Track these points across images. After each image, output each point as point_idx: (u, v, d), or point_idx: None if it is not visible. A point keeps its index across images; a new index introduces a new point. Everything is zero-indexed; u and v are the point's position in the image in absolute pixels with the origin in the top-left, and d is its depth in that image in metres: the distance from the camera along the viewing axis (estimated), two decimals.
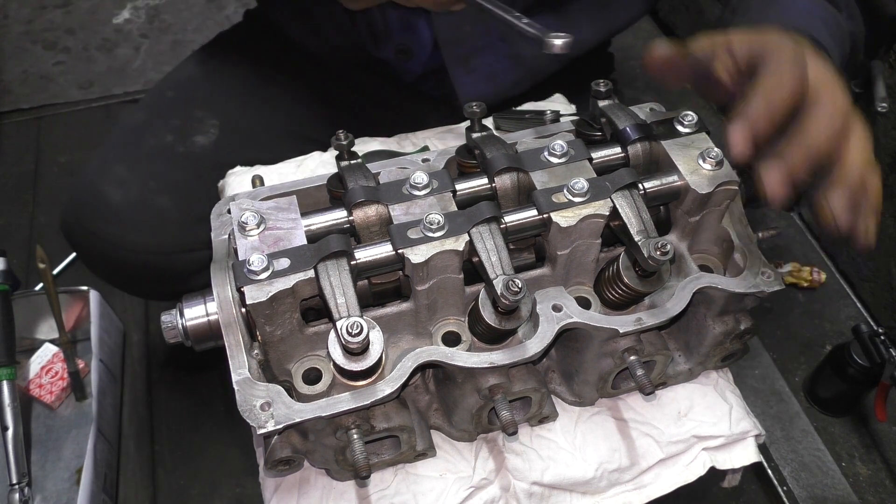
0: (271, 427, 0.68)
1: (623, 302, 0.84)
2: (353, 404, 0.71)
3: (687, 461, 0.90)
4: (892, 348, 1.56)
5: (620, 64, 1.64)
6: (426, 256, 0.74)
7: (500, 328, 0.77)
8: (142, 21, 3.00)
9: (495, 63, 1.32)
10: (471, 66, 1.31)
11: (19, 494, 1.40)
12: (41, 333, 1.78)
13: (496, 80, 1.33)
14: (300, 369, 0.80)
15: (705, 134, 0.85)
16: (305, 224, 0.79)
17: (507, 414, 0.76)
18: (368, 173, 0.83)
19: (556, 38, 0.80)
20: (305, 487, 0.85)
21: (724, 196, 0.82)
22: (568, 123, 0.94)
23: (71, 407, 1.72)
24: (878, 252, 1.94)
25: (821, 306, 2.06)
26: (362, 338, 0.69)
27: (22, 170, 2.45)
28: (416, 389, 0.86)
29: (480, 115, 0.90)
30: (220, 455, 1.79)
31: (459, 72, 1.31)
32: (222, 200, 0.84)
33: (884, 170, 1.85)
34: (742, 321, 0.86)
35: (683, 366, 0.91)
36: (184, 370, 1.95)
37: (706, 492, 1.66)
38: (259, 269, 0.72)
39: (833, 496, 1.64)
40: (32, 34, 2.93)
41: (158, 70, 2.79)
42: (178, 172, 1.29)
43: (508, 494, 0.86)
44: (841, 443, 1.79)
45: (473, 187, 0.83)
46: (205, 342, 0.76)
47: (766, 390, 1.81)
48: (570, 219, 0.77)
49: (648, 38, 2.86)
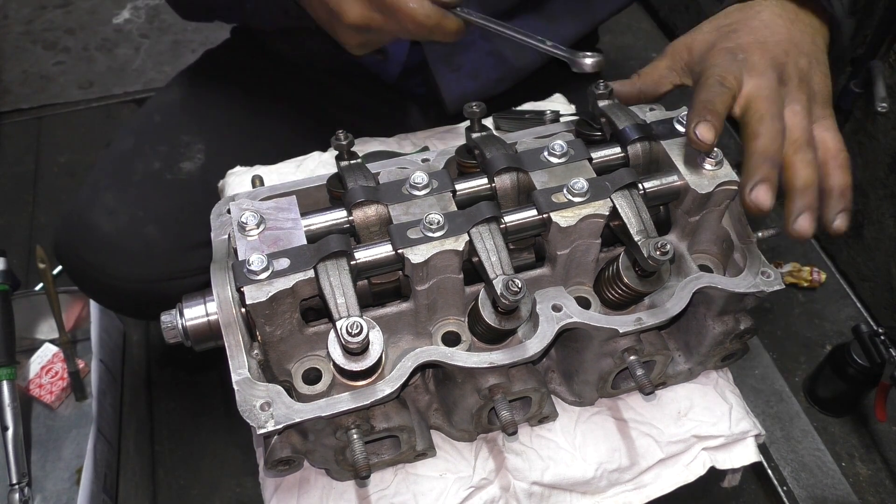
0: (271, 427, 0.68)
1: (623, 302, 0.84)
2: (352, 404, 0.71)
3: (687, 461, 0.90)
4: (892, 348, 1.56)
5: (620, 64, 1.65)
6: (426, 256, 0.74)
7: (500, 328, 0.77)
8: (142, 21, 3.00)
9: (478, 60, 1.32)
10: (454, 63, 1.31)
11: (19, 494, 1.40)
12: (41, 333, 1.78)
13: (480, 78, 1.34)
14: (300, 369, 0.80)
15: None
16: (305, 224, 0.79)
17: (507, 414, 0.76)
18: (368, 173, 0.83)
19: (587, 58, 0.88)
20: (305, 487, 0.85)
21: (723, 196, 0.82)
22: (568, 123, 0.94)
23: (71, 407, 1.72)
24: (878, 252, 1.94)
25: (821, 306, 2.06)
26: (362, 338, 0.69)
27: (22, 170, 2.45)
28: (416, 389, 0.86)
29: (480, 115, 0.90)
30: (220, 455, 1.80)
31: (443, 70, 1.31)
32: (222, 200, 0.84)
33: (884, 170, 1.85)
34: (742, 321, 0.86)
35: (683, 366, 0.91)
36: (184, 370, 1.95)
37: (706, 492, 1.66)
38: (259, 269, 0.72)
39: (833, 496, 1.64)
40: (32, 34, 2.93)
41: (158, 70, 2.79)
42: (165, 201, 1.30)
43: (508, 494, 0.86)
44: (841, 443, 1.79)
45: (473, 187, 0.83)
46: (205, 342, 0.75)
47: (766, 390, 1.81)
48: (570, 219, 0.77)
49: (648, 38, 2.86)
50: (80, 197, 1.33)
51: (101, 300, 1.45)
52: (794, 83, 0.85)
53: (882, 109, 1.64)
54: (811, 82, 0.87)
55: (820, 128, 0.85)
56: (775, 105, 0.81)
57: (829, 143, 0.84)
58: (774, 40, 0.88)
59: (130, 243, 1.27)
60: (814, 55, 0.89)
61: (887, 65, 1.73)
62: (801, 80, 0.86)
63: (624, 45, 2.80)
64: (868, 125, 1.86)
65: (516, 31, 0.92)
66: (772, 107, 0.81)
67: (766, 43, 0.87)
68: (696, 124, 0.78)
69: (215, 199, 1.19)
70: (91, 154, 2.49)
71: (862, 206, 1.96)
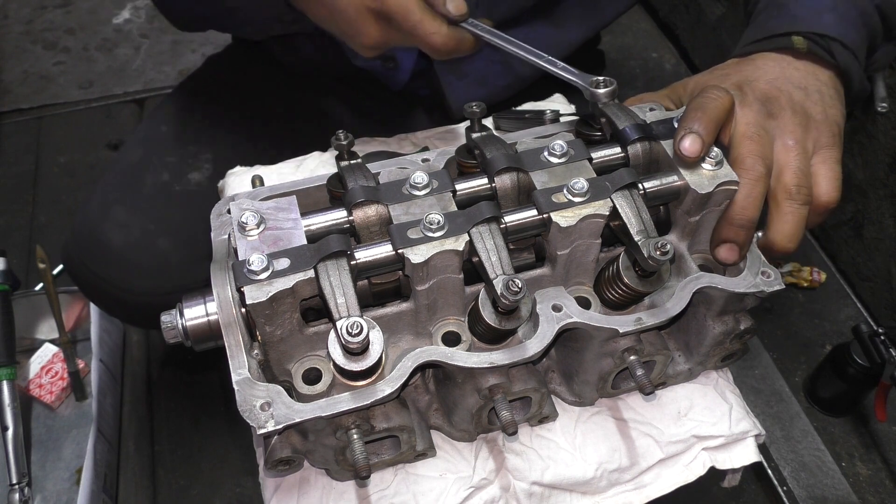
0: (271, 427, 0.68)
1: (623, 302, 0.84)
2: (353, 404, 0.71)
3: (687, 461, 0.90)
4: (892, 348, 1.57)
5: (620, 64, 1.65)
6: (426, 256, 0.74)
7: (501, 328, 0.77)
8: (142, 21, 3.00)
9: (486, 68, 1.32)
10: (462, 70, 1.31)
11: (19, 494, 1.40)
12: (41, 333, 1.79)
13: (487, 85, 1.34)
14: (300, 369, 0.80)
15: None
16: (305, 224, 0.78)
17: (508, 414, 0.76)
18: (368, 173, 0.83)
19: (600, 87, 0.87)
20: (305, 487, 0.85)
21: (723, 196, 0.81)
22: (567, 123, 0.94)
23: (71, 407, 1.72)
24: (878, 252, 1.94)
25: (821, 306, 2.06)
26: (362, 338, 0.69)
27: (22, 170, 2.46)
28: (416, 389, 0.86)
29: (480, 115, 0.90)
30: (220, 455, 1.80)
31: (450, 77, 1.31)
32: (222, 200, 0.84)
33: (884, 170, 1.85)
34: (742, 321, 0.86)
35: (683, 366, 0.91)
36: (184, 370, 1.95)
37: (706, 492, 1.67)
38: (259, 269, 0.72)
39: (833, 496, 1.65)
40: (32, 34, 2.94)
41: (158, 70, 2.79)
42: (176, 213, 1.31)
43: (508, 494, 0.86)
44: (841, 443, 1.80)
45: (473, 187, 0.83)
46: (205, 342, 0.75)
47: (766, 390, 1.82)
48: (570, 219, 0.77)
49: (648, 38, 2.86)
50: (89, 210, 1.33)
51: (112, 312, 1.46)
52: (787, 115, 0.85)
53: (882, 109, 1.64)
54: (809, 112, 0.86)
55: (818, 159, 0.85)
56: (758, 143, 0.81)
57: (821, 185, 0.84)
58: (766, 78, 0.89)
59: (143, 257, 1.28)
60: (814, 88, 0.89)
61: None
62: (795, 112, 0.85)
63: (624, 45, 2.80)
64: (868, 125, 1.86)
65: (524, 48, 0.92)
66: (755, 147, 0.81)
67: (757, 80, 0.88)
68: (682, 136, 0.79)
69: None
70: (91, 154, 2.49)
71: (862, 206, 1.97)
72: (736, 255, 0.81)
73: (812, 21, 0.93)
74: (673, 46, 2.82)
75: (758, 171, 0.79)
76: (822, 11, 0.94)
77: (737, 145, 0.82)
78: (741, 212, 0.79)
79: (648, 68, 2.73)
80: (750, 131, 0.82)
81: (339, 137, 0.86)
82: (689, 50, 2.74)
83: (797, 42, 0.91)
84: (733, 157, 0.82)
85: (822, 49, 0.91)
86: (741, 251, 0.81)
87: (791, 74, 0.90)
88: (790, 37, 0.92)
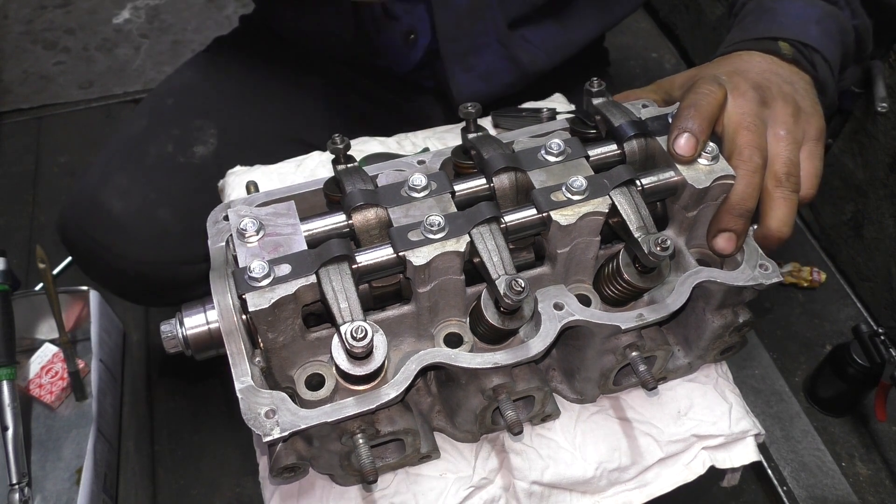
0: (277, 434, 0.68)
1: (623, 298, 0.84)
2: (358, 409, 0.70)
3: (687, 460, 0.90)
4: (892, 348, 1.57)
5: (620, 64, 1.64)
6: (428, 258, 0.74)
7: (503, 328, 0.77)
8: (142, 21, 3.00)
9: (493, 63, 1.32)
10: (468, 63, 1.31)
11: (19, 494, 1.40)
12: (41, 333, 1.78)
13: (492, 80, 1.34)
14: (303, 375, 0.79)
15: None
16: (305, 229, 0.78)
17: (513, 414, 0.76)
18: (366, 176, 0.82)
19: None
20: (306, 487, 0.85)
21: (720, 190, 0.82)
22: (563, 122, 0.94)
23: (71, 407, 1.72)
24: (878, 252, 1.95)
25: (821, 306, 2.06)
26: (367, 342, 0.68)
27: (22, 170, 2.45)
28: (419, 392, 0.86)
29: (476, 116, 0.89)
30: (220, 455, 1.80)
31: (457, 69, 1.31)
32: (218, 208, 0.82)
33: (884, 170, 1.85)
34: (740, 314, 0.86)
35: (683, 360, 0.91)
36: (184, 370, 1.95)
37: (706, 491, 1.66)
38: (260, 275, 0.71)
39: (833, 496, 1.65)
40: (32, 34, 2.93)
41: (158, 70, 2.79)
42: (178, 184, 1.29)
43: (508, 494, 0.86)
44: (841, 443, 1.80)
45: (472, 188, 0.83)
46: (205, 351, 0.75)
47: (766, 390, 1.82)
48: (570, 217, 0.77)
49: (648, 37, 2.86)
50: (89, 176, 1.31)
51: (105, 283, 1.43)
52: (780, 104, 0.86)
53: (882, 109, 1.65)
54: (798, 103, 0.88)
55: (804, 154, 0.86)
56: (755, 134, 0.82)
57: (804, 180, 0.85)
58: (756, 70, 0.91)
59: (142, 225, 1.26)
60: (800, 85, 0.91)
61: (887, 65, 1.73)
62: (787, 101, 0.87)
63: (624, 45, 2.80)
64: (868, 125, 1.86)
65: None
66: (753, 138, 0.82)
67: (748, 71, 0.90)
68: (676, 135, 0.80)
69: None
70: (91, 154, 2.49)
71: (862, 206, 1.97)
72: (734, 244, 0.81)
73: (798, 30, 0.95)
74: (673, 46, 2.82)
75: (755, 162, 0.81)
76: (809, 23, 0.96)
77: (733, 135, 0.83)
78: (741, 202, 0.80)
79: (648, 68, 2.73)
80: (746, 121, 0.83)
81: (336, 141, 0.85)
82: (689, 50, 2.74)
83: (784, 48, 0.94)
84: (730, 148, 0.82)
85: (805, 59, 0.94)
86: (738, 241, 0.82)
87: (778, 70, 0.92)
88: (777, 41, 0.94)
